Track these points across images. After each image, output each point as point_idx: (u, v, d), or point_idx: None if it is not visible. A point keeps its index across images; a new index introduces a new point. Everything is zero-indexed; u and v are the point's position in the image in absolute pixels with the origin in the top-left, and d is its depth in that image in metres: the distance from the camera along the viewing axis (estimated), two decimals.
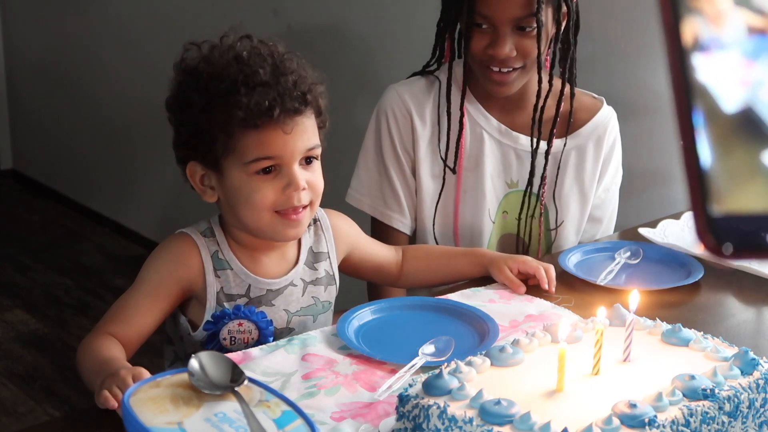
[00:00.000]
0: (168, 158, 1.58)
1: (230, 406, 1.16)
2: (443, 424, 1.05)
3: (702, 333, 1.28)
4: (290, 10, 3.17)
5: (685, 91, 0.48)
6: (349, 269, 1.73)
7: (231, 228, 1.55)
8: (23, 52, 4.58)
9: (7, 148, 4.76)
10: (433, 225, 1.97)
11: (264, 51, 1.49)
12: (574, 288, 1.67)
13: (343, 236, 1.68)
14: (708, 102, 0.48)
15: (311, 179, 1.50)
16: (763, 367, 1.17)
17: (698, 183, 0.47)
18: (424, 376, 1.13)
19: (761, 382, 1.15)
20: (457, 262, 1.75)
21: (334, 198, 1.72)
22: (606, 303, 1.33)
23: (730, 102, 0.48)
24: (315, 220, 1.62)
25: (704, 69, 0.49)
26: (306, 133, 1.48)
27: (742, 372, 1.16)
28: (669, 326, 1.29)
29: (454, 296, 1.63)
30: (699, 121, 0.47)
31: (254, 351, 1.42)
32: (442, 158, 1.95)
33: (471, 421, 1.03)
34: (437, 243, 1.97)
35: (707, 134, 0.47)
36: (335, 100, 1.59)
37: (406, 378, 1.31)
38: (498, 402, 1.05)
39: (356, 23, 2.99)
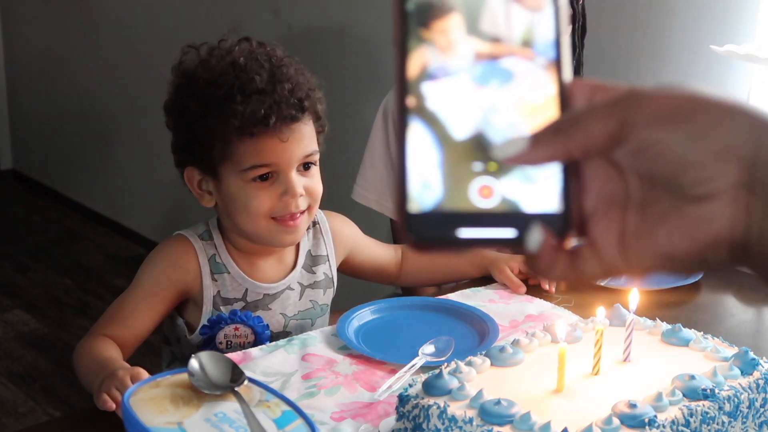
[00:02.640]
0: (168, 158, 1.58)
1: (230, 406, 1.16)
2: (443, 424, 1.05)
3: (702, 333, 1.28)
4: (290, 9, 3.17)
5: (402, 117, 0.54)
6: (348, 270, 1.73)
7: (229, 232, 1.55)
8: (23, 53, 4.58)
9: (7, 148, 4.76)
10: None
11: (261, 56, 1.48)
12: (574, 288, 1.67)
13: (343, 239, 1.67)
14: (439, 129, 0.53)
15: (309, 185, 1.49)
16: (763, 367, 1.17)
17: (403, 184, 0.53)
18: (424, 376, 1.13)
19: (761, 382, 1.15)
20: (457, 262, 1.75)
21: (338, 198, 1.73)
22: (606, 303, 1.33)
23: (460, 128, 0.53)
24: (314, 223, 1.62)
25: (434, 97, 0.54)
26: (303, 139, 1.47)
27: (742, 372, 1.16)
28: (669, 326, 1.29)
29: (454, 296, 1.63)
30: (411, 140, 0.53)
31: (254, 351, 1.42)
32: None
33: (471, 421, 1.03)
34: None
35: (418, 160, 0.53)
36: (336, 100, 1.59)
37: (406, 378, 1.31)
38: (498, 402, 1.05)
39: (357, 22, 2.99)
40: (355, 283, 1.81)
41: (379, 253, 1.76)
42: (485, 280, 1.71)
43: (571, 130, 0.53)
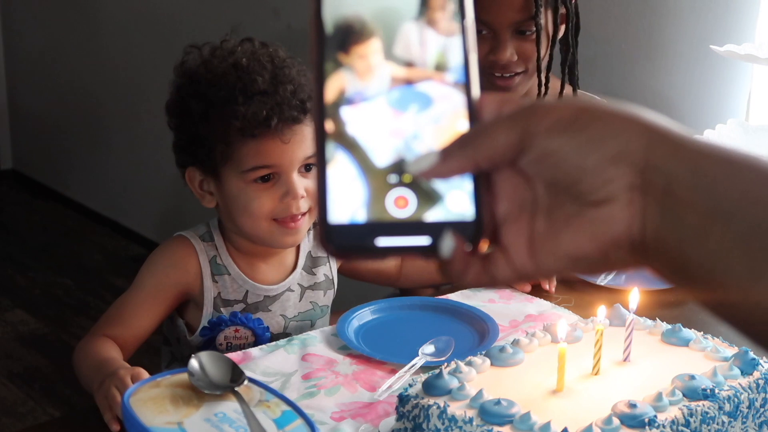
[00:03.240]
0: (168, 159, 1.58)
1: (230, 406, 1.16)
2: (443, 424, 1.05)
3: (702, 333, 1.28)
4: (290, 9, 3.16)
5: (320, 138, 0.57)
6: (348, 272, 1.73)
7: (230, 233, 1.55)
8: (23, 53, 4.58)
9: (7, 148, 4.76)
10: None
11: (264, 57, 1.48)
12: (574, 288, 1.67)
13: None
14: (360, 155, 0.56)
15: (310, 186, 1.49)
16: (763, 367, 1.17)
17: (323, 197, 0.56)
18: (424, 376, 1.13)
19: (761, 382, 1.15)
20: None
21: None
22: (606, 303, 1.33)
23: (381, 155, 0.56)
24: (314, 225, 1.62)
25: (353, 122, 0.57)
26: (305, 141, 1.47)
27: (742, 372, 1.16)
28: (669, 326, 1.29)
29: (454, 296, 1.63)
30: (329, 155, 0.56)
31: (254, 351, 1.42)
32: None
33: (471, 421, 1.03)
34: None
35: (336, 173, 0.56)
36: None
37: (406, 378, 1.31)
38: (498, 402, 1.05)
39: None
40: (355, 284, 1.81)
41: None
42: None
43: (477, 143, 0.56)
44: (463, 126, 0.57)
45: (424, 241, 0.56)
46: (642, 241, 0.55)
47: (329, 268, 1.64)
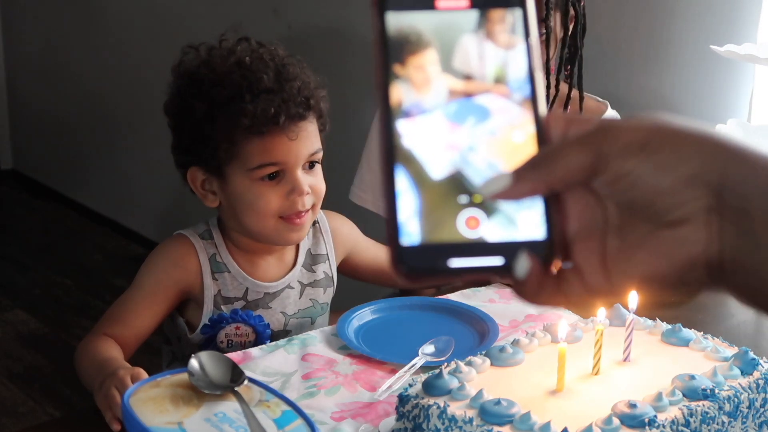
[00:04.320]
0: (168, 158, 1.58)
1: (230, 406, 1.16)
2: (443, 424, 1.05)
3: (702, 333, 1.28)
4: (290, 9, 3.17)
5: (387, 152, 0.56)
6: (348, 271, 1.73)
7: (229, 231, 1.55)
8: (23, 52, 4.58)
9: (7, 148, 4.76)
10: None
11: (265, 55, 1.48)
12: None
13: (343, 238, 1.68)
14: (415, 168, 0.56)
15: (314, 183, 1.50)
16: (763, 367, 1.17)
17: (395, 220, 0.55)
18: (424, 376, 1.13)
19: (761, 382, 1.15)
20: None
21: (338, 199, 1.72)
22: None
23: (437, 167, 0.56)
24: (314, 222, 1.62)
25: (409, 134, 0.56)
26: (309, 138, 1.48)
27: (742, 372, 1.16)
28: (669, 326, 1.29)
29: (454, 296, 1.63)
30: (400, 176, 0.56)
31: (254, 351, 1.42)
32: None
33: (471, 421, 1.03)
34: None
35: (406, 195, 0.55)
36: (336, 100, 1.59)
37: (406, 378, 1.31)
38: (498, 402, 1.05)
39: (357, 22, 2.99)
40: (355, 283, 1.81)
41: (380, 254, 1.76)
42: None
43: (550, 165, 0.56)
44: (528, 144, 0.57)
45: (496, 261, 0.56)
46: (719, 263, 0.54)
47: (329, 266, 1.64)
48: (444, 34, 0.57)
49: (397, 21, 0.57)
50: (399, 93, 0.57)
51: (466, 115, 0.57)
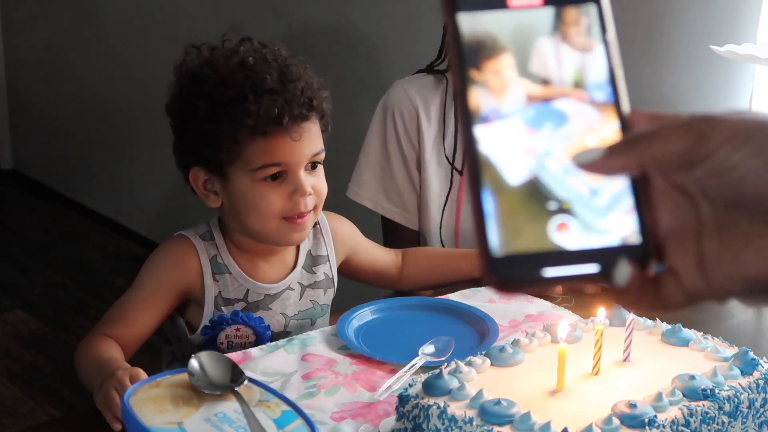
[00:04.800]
0: (168, 158, 1.57)
1: (230, 406, 1.16)
2: (443, 424, 1.05)
3: (702, 333, 1.28)
4: (290, 9, 3.17)
5: (472, 161, 0.54)
6: (348, 272, 1.73)
7: (231, 232, 1.55)
8: (23, 52, 4.58)
9: (7, 148, 4.76)
10: (440, 226, 1.97)
11: (269, 56, 1.48)
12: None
13: (343, 239, 1.67)
14: (493, 174, 0.54)
15: (316, 184, 1.50)
16: (763, 367, 1.17)
17: (484, 231, 0.53)
18: (424, 376, 1.13)
19: (761, 382, 1.15)
20: (458, 264, 1.75)
21: (338, 198, 1.72)
22: (606, 303, 1.33)
23: (514, 173, 0.54)
24: (315, 224, 1.62)
25: (486, 140, 0.55)
26: (312, 138, 1.48)
27: (742, 372, 1.16)
28: (669, 326, 1.29)
29: (454, 296, 1.63)
30: (486, 185, 0.54)
31: (254, 351, 1.42)
32: (448, 160, 1.94)
33: (471, 421, 1.03)
34: (443, 245, 1.96)
35: (494, 204, 0.54)
36: (337, 100, 1.59)
37: (406, 378, 1.31)
38: (498, 402, 1.05)
39: (357, 22, 2.99)
40: (355, 284, 1.81)
41: (380, 255, 1.75)
42: None
43: (646, 143, 0.53)
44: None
45: (592, 268, 0.54)
46: None
47: (329, 267, 1.64)
48: (519, 37, 0.56)
49: (470, 23, 0.55)
50: (477, 98, 0.55)
51: (544, 120, 0.55)
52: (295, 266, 1.60)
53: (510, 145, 0.55)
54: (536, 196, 0.54)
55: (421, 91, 1.95)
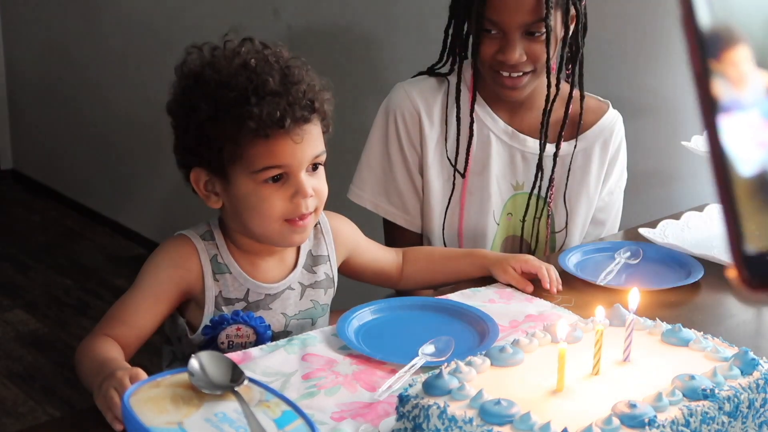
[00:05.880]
0: (168, 158, 1.57)
1: (230, 406, 1.16)
2: (443, 424, 1.05)
3: (702, 333, 1.28)
4: (290, 9, 3.17)
5: (718, 153, 0.52)
6: (349, 272, 1.73)
7: (231, 232, 1.55)
8: (23, 53, 4.58)
9: (7, 148, 4.76)
10: (443, 227, 1.97)
11: (270, 57, 1.48)
12: (573, 288, 1.67)
13: (344, 239, 1.68)
14: (731, 168, 0.52)
15: (317, 186, 1.50)
16: (763, 367, 1.17)
17: (734, 226, 0.51)
18: (424, 376, 1.13)
19: (761, 382, 1.15)
20: (458, 264, 1.75)
21: (339, 200, 1.72)
22: (606, 303, 1.33)
23: (746, 165, 0.51)
24: (315, 223, 1.62)
25: (723, 131, 0.52)
26: (313, 140, 1.48)
27: (742, 372, 1.16)
28: (669, 326, 1.29)
29: (454, 296, 1.63)
30: (736, 181, 0.51)
31: (254, 351, 1.42)
32: (450, 162, 1.94)
33: (471, 421, 1.04)
34: (445, 245, 1.96)
35: (732, 194, 0.51)
36: (337, 101, 1.59)
37: (406, 378, 1.31)
38: (498, 402, 1.05)
39: (357, 23, 2.99)
40: (355, 283, 1.81)
41: (380, 255, 1.75)
42: (485, 280, 1.71)
43: None
44: None
45: None
46: None
47: (329, 267, 1.64)
48: (757, 26, 0.53)
49: (706, 11, 0.53)
50: (717, 89, 0.52)
51: None
52: (295, 266, 1.60)
53: (746, 138, 0.52)
54: None
55: (423, 94, 1.95)
